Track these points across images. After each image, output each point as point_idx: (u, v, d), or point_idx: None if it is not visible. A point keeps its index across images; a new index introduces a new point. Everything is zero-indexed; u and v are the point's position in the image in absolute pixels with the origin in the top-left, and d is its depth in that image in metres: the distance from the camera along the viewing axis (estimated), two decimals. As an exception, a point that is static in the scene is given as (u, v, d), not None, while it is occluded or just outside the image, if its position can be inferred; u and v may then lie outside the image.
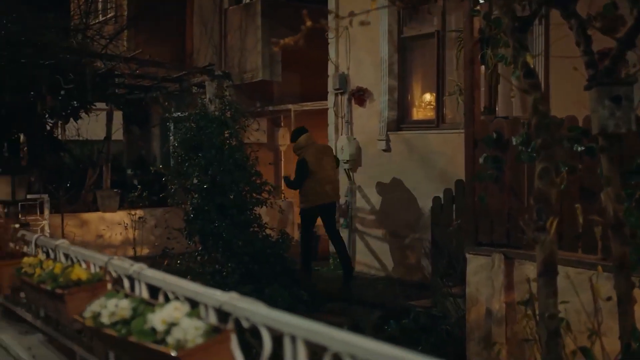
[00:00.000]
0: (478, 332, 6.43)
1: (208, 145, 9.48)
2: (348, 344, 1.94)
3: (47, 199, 9.60)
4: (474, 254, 6.48)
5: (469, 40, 6.37)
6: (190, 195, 9.67)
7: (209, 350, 2.38)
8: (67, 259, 3.80)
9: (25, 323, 4.50)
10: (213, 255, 9.37)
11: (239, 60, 14.84)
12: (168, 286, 2.85)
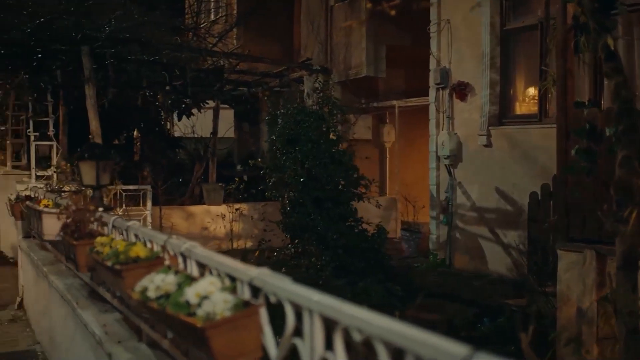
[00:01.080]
0: (568, 332, 6.17)
1: (305, 139, 9.57)
2: (355, 318, 1.91)
3: (149, 191, 9.94)
4: (565, 251, 6.23)
5: (561, 27, 6.13)
6: (287, 188, 9.80)
7: (236, 322, 2.40)
8: (137, 239, 3.92)
9: (107, 302, 4.68)
10: (307, 248, 9.45)
11: (344, 57, 14.88)
12: (212, 263, 2.89)
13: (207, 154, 14.27)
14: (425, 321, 8.54)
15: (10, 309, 8.32)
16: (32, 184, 8.58)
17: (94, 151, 4.88)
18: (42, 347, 6.70)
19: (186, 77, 9.95)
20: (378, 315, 1.83)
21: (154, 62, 9.91)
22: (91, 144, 6.09)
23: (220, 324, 2.38)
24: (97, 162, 4.83)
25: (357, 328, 1.89)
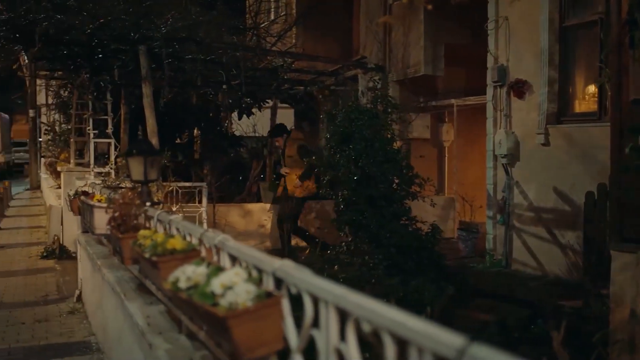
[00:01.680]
0: (621, 335, 6.03)
1: (358, 137, 9.57)
2: (364, 309, 1.92)
3: (205, 188, 10.10)
4: (618, 251, 6.09)
5: (616, 22, 5.99)
6: (340, 186, 9.82)
7: (258, 313, 2.43)
8: (177, 232, 4.00)
9: (153, 295, 4.78)
10: (360, 246, 9.45)
11: (402, 55, 14.82)
12: (242, 255, 2.94)
13: (264, 152, 14.40)
14: (477, 321, 8.46)
15: (70, 302, 8.57)
16: (90, 180, 8.83)
17: (142, 147, 4.99)
18: (97, 338, 6.88)
19: (241, 76, 10.05)
20: (384, 306, 1.84)
21: (210, 61, 10.05)
22: (140, 140, 6.23)
23: (242, 314, 2.42)
24: (144, 157, 4.94)
25: (367, 319, 1.90)
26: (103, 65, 10.09)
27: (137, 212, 4.45)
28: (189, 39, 9.27)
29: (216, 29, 10.18)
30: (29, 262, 11.50)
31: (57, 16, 8.59)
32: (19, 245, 13.39)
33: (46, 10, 8.52)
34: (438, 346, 1.56)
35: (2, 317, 7.94)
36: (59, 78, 13.23)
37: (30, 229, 15.65)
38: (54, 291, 9.28)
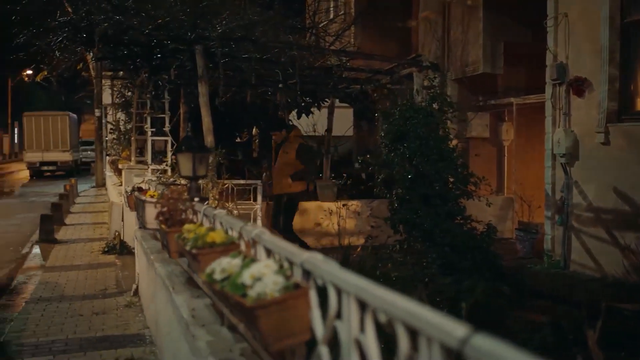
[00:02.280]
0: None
1: (413, 136, 9.55)
2: (379, 299, 1.93)
3: (260, 185, 10.22)
4: (675, 252, 5.93)
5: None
6: (395, 185, 9.81)
7: (285, 304, 2.47)
8: (221, 226, 4.07)
9: (201, 289, 4.88)
10: (413, 245, 9.43)
11: (461, 54, 14.71)
12: (275, 248, 2.98)
13: (321, 151, 14.46)
14: (532, 322, 8.35)
15: (127, 295, 8.77)
16: (147, 177, 9.02)
17: (191, 144, 5.09)
18: (151, 331, 7.03)
19: (295, 75, 10.13)
20: (397, 296, 1.85)
21: (266, 61, 10.16)
22: (189, 137, 6.34)
23: (269, 305, 2.46)
24: (193, 154, 5.03)
25: (383, 309, 1.92)
26: (161, 65, 10.30)
27: (183, 207, 4.54)
28: (245, 39, 9.39)
29: (273, 29, 10.27)
30: (91, 257, 11.81)
31: (116, 17, 8.82)
32: (82, 240, 13.77)
33: (105, 11, 8.77)
34: (443, 335, 1.57)
35: (62, 309, 8.19)
36: (121, 78, 13.57)
37: (94, 225, 16.08)
38: (113, 285, 9.50)
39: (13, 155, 59.00)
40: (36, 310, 8.19)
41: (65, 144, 37.13)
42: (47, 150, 36.59)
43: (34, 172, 37.11)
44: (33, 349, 6.62)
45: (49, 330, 7.28)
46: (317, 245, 11.72)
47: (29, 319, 7.78)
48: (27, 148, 37.45)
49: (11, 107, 60.19)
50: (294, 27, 12.44)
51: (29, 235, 14.69)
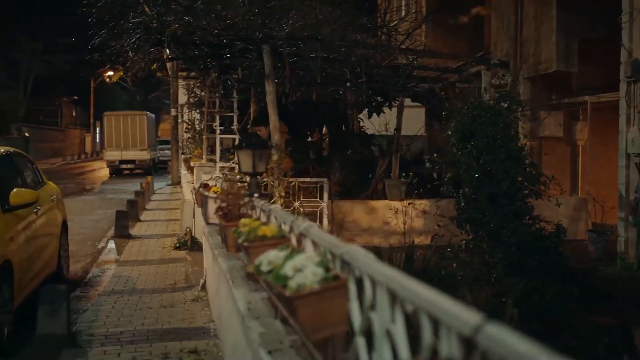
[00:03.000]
0: None
1: (480, 134, 9.46)
2: (405, 289, 1.96)
3: (326, 184, 10.28)
4: None
5: None
6: (462, 184, 9.74)
7: (322, 294, 2.52)
8: (276, 220, 4.15)
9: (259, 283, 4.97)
10: (479, 245, 9.34)
11: (533, 52, 14.47)
12: (320, 240, 3.04)
13: (390, 150, 14.46)
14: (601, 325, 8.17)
15: (195, 290, 8.97)
16: (215, 174, 9.21)
17: (251, 141, 5.19)
18: (215, 325, 7.18)
19: (362, 73, 10.16)
20: (421, 286, 1.88)
21: (334, 60, 10.22)
22: (249, 134, 6.45)
23: (307, 295, 2.51)
24: (253, 151, 5.13)
25: (409, 299, 1.95)
26: (231, 64, 10.50)
27: (241, 202, 4.64)
28: (311, 38, 9.48)
29: (342, 28, 10.32)
30: (163, 253, 12.12)
31: (186, 18, 9.03)
32: (155, 236, 14.13)
33: (176, 12, 8.99)
34: (457, 323, 1.59)
35: (132, 302, 8.44)
36: (192, 77, 13.88)
37: (167, 221, 16.47)
38: (182, 280, 9.73)
39: (95, 154, 60.86)
40: (108, 302, 8.47)
41: (143, 143, 38.09)
42: (125, 149, 37.62)
43: (114, 170, 38.20)
44: (102, 339, 6.86)
45: (118, 322, 7.53)
46: (384, 244, 11.71)
47: (100, 310, 8.06)
48: (106, 147, 38.60)
49: (93, 107, 62.11)
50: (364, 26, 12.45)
51: (106, 230, 15.16)
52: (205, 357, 6.26)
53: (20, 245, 7.56)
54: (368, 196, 13.98)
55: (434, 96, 12.49)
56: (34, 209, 8.25)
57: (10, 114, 48.43)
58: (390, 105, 15.07)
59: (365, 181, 14.49)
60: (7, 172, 8.39)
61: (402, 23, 16.12)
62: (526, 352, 1.33)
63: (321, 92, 12.65)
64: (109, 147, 38.21)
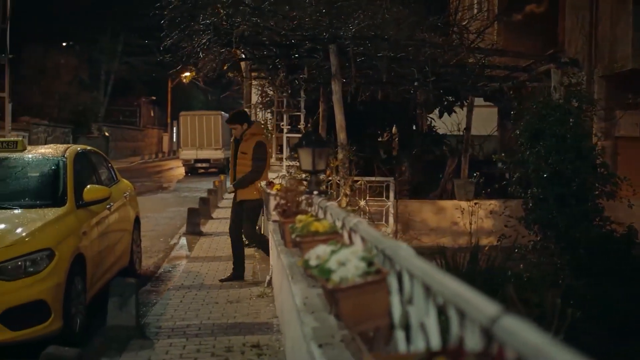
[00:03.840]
0: None
1: (549, 134, 9.32)
2: (438, 283, 2.00)
3: (392, 183, 10.28)
4: None
5: None
6: (530, 184, 9.61)
7: (363, 288, 2.58)
8: (331, 217, 4.22)
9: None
10: (547, 246, 9.20)
11: (608, 50, 14.12)
12: (367, 235, 3.10)
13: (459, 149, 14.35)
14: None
15: (261, 286, 9.13)
16: (282, 173, 9.34)
17: (311, 139, 5.28)
18: (279, 320, 7.31)
19: (428, 73, 10.12)
20: (449, 278, 1.91)
21: (401, 59, 10.22)
22: (309, 132, 6.53)
23: (348, 288, 2.57)
24: (313, 149, 5.22)
25: (439, 292, 1.99)
26: (299, 64, 10.63)
27: (299, 199, 4.73)
28: (377, 37, 9.50)
29: (409, 27, 10.31)
30: (232, 250, 12.33)
31: (253, 19, 9.20)
32: (226, 234, 14.33)
33: (244, 14, 9.17)
34: (477, 313, 1.63)
35: (200, 297, 8.66)
36: (261, 78, 14.08)
37: (238, 219, 16.74)
38: (250, 276, 9.90)
39: (171, 153, 62.24)
40: (176, 296, 8.71)
41: (217, 142, 38.78)
42: (201, 148, 38.38)
43: (189, 168, 39.04)
44: (169, 331, 7.07)
45: (185, 315, 7.74)
46: (452, 245, 11.64)
47: (169, 304, 8.29)
48: (182, 146, 39.47)
49: (171, 107, 63.52)
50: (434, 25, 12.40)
51: (179, 227, 15.53)
52: (267, 351, 6.38)
53: (93, 240, 7.86)
54: (437, 196, 13.91)
55: (502, 95, 12.33)
56: (107, 205, 8.54)
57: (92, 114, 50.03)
58: (462, 105, 14.95)
59: (435, 181, 14.42)
60: (82, 169, 8.72)
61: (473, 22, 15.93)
62: (537, 344, 1.36)
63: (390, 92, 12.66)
64: (185, 146, 39.06)
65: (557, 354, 1.28)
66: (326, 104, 12.28)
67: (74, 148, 9.07)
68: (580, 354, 1.29)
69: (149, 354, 6.34)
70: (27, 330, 6.24)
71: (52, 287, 6.43)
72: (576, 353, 1.29)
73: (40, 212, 7.28)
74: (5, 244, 6.43)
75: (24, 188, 8.06)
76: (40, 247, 6.54)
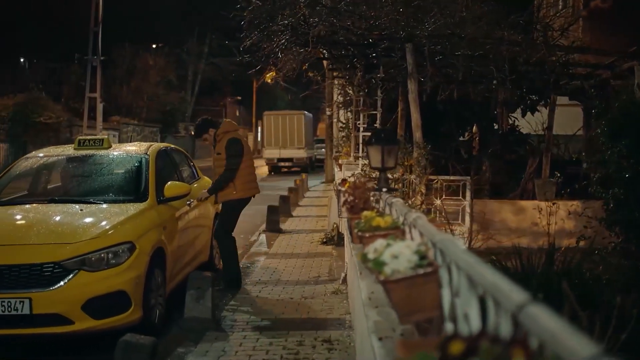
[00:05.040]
0: None
1: (631, 133, 9.09)
2: (478, 274, 2.05)
3: (469, 182, 10.22)
4: None
5: None
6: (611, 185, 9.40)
7: (413, 280, 2.64)
8: (396, 213, 4.29)
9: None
10: (627, 247, 8.98)
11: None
12: (424, 230, 3.15)
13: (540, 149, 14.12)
14: None
15: (336, 283, 9.25)
16: (357, 171, 9.43)
17: (380, 137, 5.34)
18: (351, 316, 7.40)
19: (506, 71, 10.02)
20: (485, 267, 1.96)
21: (479, 57, 10.15)
22: (378, 130, 6.58)
23: (399, 281, 2.64)
24: (382, 146, 5.28)
25: (479, 282, 2.04)
26: (376, 64, 10.70)
27: (367, 196, 4.81)
28: (454, 35, 9.48)
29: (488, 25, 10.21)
30: (310, 247, 12.51)
31: (331, 19, 9.32)
32: (305, 231, 14.61)
33: (320, 14, 9.31)
34: (507, 302, 1.68)
35: (276, 292, 8.83)
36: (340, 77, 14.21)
37: (317, 217, 16.94)
38: (326, 273, 10.03)
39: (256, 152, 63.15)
40: (253, 291, 8.91)
41: (300, 142, 39.18)
42: (284, 147, 38.87)
43: (272, 167, 39.60)
44: (244, 325, 7.27)
45: (260, 310, 7.93)
46: (532, 245, 11.46)
47: (245, 298, 8.50)
48: (265, 145, 40.06)
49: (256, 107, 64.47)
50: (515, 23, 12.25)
51: (259, 225, 15.80)
52: (338, 346, 6.48)
53: (173, 235, 8.13)
54: (517, 196, 13.72)
55: (583, 94, 12.07)
56: (187, 202, 8.81)
57: (179, 114, 51.35)
58: (546, 104, 14.69)
59: (516, 181, 14.23)
60: (164, 166, 9.03)
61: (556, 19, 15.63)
62: (554, 329, 1.41)
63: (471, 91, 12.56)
64: (268, 146, 39.62)
65: (569, 339, 1.33)
66: (405, 103, 12.29)
67: (157, 146, 9.39)
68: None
69: (223, 345, 6.54)
70: (108, 319, 6.52)
71: (133, 278, 6.70)
72: (589, 340, 1.33)
73: (123, 207, 7.59)
74: (90, 237, 6.74)
75: (108, 184, 8.41)
76: (122, 240, 6.82)
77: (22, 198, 8.49)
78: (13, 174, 8.72)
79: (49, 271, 6.40)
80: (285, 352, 6.32)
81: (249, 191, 9.11)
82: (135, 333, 5.83)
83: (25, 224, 7.19)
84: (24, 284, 6.35)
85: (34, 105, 32.20)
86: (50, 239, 6.72)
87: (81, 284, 6.43)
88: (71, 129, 33.95)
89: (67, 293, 6.36)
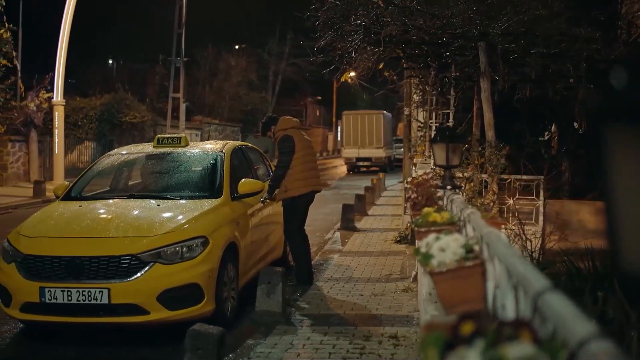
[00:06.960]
0: None
1: None
2: (512, 265, 2.12)
3: (542, 181, 10.07)
4: None
5: None
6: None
7: (458, 273, 2.72)
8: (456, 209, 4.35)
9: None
10: None
11: None
12: (475, 225, 3.21)
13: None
14: None
15: (407, 281, 9.31)
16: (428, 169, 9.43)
17: (444, 134, 5.38)
18: (419, 313, 7.45)
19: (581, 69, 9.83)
20: (518, 259, 2.03)
21: (555, 55, 10.00)
22: (442, 128, 6.57)
23: (445, 273, 2.72)
24: (446, 144, 5.32)
25: (514, 273, 2.11)
26: (449, 63, 10.67)
27: (430, 192, 4.87)
28: (528, 33, 9.37)
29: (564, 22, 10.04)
30: (383, 246, 12.58)
31: (403, 18, 9.36)
32: (379, 230, 14.68)
33: (392, 13, 9.36)
34: (528, 287, 1.75)
35: (347, 289, 8.95)
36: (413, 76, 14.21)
37: (392, 216, 16.98)
38: (397, 272, 10.08)
39: (336, 152, 63.51)
40: (324, 287, 9.06)
41: (379, 141, 39.23)
42: (362, 147, 39.00)
43: (351, 167, 39.79)
44: (313, 320, 7.41)
45: (330, 305, 8.06)
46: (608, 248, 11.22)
47: (316, 294, 8.66)
48: (344, 144, 40.28)
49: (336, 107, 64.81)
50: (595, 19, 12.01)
51: (335, 223, 15.95)
52: (403, 342, 6.56)
53: (246, 231, 8.36)
54: (597, 196, 13.42)
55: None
56: (260, 199, 9.02)
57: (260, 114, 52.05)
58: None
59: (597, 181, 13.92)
60: (239, 164, 9.28)
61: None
62: (563, 313, 1.48)
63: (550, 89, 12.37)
64: (347, 145, 39.81)
65: (576, 323, 1.39)
66: (480, 102, 12.22)
67: (232, 144, 9.65)
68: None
69: (292, 339, 6.70)
70: (182, 310, 6.78)
71: (206, 271, 6.94)
72: (595, 325, 1.40)
73: (198, 203, 7.85)
74: (165, 231, 7.01)
75: (184, 180, 8.71)
76: (196, 235, 7.07)
77: (103, 193, 8.90)
78: (96, 171, 9.14)
79: (127, 263, 6.70)
80: (351, 347, 6.43)
81: (304, 188, 9.09)
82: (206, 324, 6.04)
83: (106, 218, 7.52)
84: (103, 275, 6.67)
85: (120, 105, 33.26)
86: (128, 232, 7.03)
87: (157, 276, 6.70)
88: (155, 129, 34.91)
89: (144, 284, 6.64)
